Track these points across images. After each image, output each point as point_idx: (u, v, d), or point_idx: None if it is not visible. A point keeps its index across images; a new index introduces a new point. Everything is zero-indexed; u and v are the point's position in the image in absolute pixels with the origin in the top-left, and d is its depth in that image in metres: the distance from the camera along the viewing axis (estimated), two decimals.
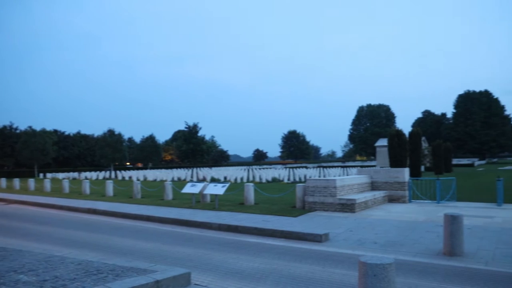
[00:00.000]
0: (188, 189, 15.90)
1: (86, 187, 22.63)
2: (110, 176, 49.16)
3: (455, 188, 15.79)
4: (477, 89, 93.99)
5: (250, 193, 15.47)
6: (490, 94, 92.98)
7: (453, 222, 7.67)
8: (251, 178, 35.92)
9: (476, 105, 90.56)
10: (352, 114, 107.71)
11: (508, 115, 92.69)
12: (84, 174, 46.83)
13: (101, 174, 48.33)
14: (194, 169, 51.07)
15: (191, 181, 23.26)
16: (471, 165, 58.39)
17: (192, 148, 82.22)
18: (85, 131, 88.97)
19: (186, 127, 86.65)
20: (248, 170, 47.11)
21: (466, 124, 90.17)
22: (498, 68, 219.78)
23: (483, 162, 76.02)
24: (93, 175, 46.60)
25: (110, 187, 21.20)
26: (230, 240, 9.74)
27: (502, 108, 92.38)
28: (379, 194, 15.05)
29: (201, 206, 15.04)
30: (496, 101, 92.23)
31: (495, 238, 8.88)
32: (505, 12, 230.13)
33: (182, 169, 58.57)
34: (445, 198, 15.24)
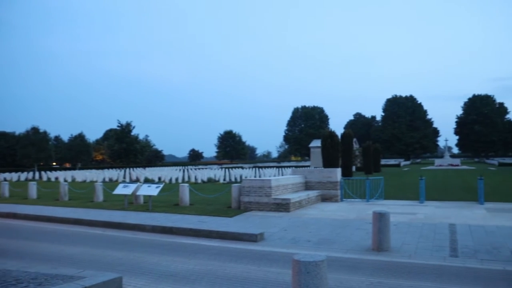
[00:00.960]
0: (120, 190, 15.34)
1: (5, 190, 21.02)
2: (33, 177, 46.12)
3: (383, 187, 16.66)
4: (404, 94, 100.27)
5: (185, 193, 15.26)
6: (415, 99, 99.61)
7: (380, 219, 8.08)
8: (186, 179, 35.46)
9: (402, 109, 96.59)
10: (288, 115, 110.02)
11: (430, 119, 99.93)
12: (2, 176, 43.35)
13: (23, 175, 45.13)
14: (127, 170, 49.41)
15: (124, 182, 22.50)
16: (398, 165, 61.97)
17: (124, 148, 79.47)
18: (5, 128, 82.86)
19: (118, 126, 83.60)
20: (184, 171, 46.47)
21: (393, 127, 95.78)
22: (422, 74, 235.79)
23: (408, 162, 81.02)
24: (13, 176, 43.34)
25: (33, 189, 19.85)
26: (164, 242, 9.53)
27: (425, 112, 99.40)
28: (312, 193, 15.49)
29: (134, 208, 14.58)
30: (420, 105, 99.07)
31: (417, 233, 9.49)
32: (433, 20, 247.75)
33: (114, 170, 56.44)
34: (374, 197, 16.04)
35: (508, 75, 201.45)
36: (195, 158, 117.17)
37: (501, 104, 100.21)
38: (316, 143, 55.57)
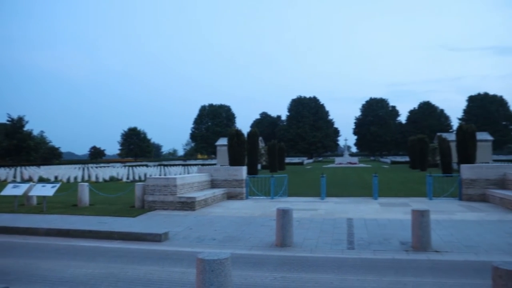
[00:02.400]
0: (9, 191, 13.90)
1: None
2: None
3: (287, 184, 17.26)
4: (308, 95, 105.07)
5: (84, 193, 14.32)
6: (318, 100, 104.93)
7: (284, 216, 8.32)
8: (86, 178, 33.41)
9: (306, 109, 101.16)
10: (195, 113, 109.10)
11: (332, 120, 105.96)
12: None
13: None
14: (18, 168, 45.14)
15: (14, 181, 20.44)
16: (301, 163, 64.79)
17: (15, 145, 72.56)
18: None
19: (8, 120, 76.17)
20: (84, 169, 43.70)
21: (298, 126, 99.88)
22: (324, 76, 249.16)
23: (311, 160, 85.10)
24: None
25: None
26: (60, 246, 8.83)
27: (327, 113, 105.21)
28: (218, 191, 15.50)
29: (26, 210, 13.31)
30: (323, 106, 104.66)
31: (318, 228, 9.95)
32: (336, 27, 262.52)
33: (2, 169, 51.22)
34: (278, 194, 16.53)
35: (400, 81, 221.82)
36: (96, 155, 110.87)
37: (394, 107, 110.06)
38: (223, 141, 55.91)
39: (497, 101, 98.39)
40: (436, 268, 6.70)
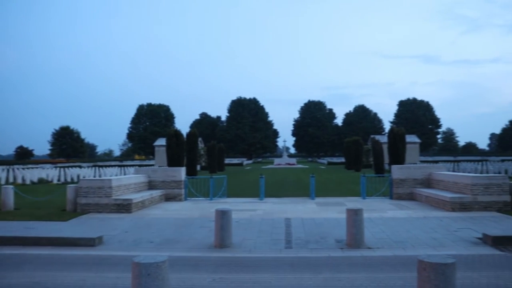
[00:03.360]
0: None
1: None
2: None
3: (226, 185, 17.24)
4: (248, 96, 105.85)
5: (9, 196, 13.38)
6: (258, 101, 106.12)
7: (223, 217, 8.29)
8: (11, 180, 31.23)
9: (246, 110, 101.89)
10: (132, 112, 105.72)
11: (271, 121, 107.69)
12: None
13: None
14: None
15: None
16: (241, 164, 65.12)
17: None
18: None
19: None
20: (8, 170, 40.80)
21: (237, 127, 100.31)
22: (264, 78, 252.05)
23: (250, 161, 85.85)
24: None
25: None
26: None
27: (266, 114, 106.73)
28: (156, 193, 15.15)
29: None
30: (262, 108, 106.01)
31: (257, 229, 10.03)
32: (272, 29, 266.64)
33: None
34: (218, 195, 16.46)
35: (337, 85, 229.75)
36: (23, 156, 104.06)
37: (331, 110, 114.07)
38: (161, 141, 54.75)
39: (424, 106, 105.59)
40: (368, 263, 7.00)
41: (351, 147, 41.59)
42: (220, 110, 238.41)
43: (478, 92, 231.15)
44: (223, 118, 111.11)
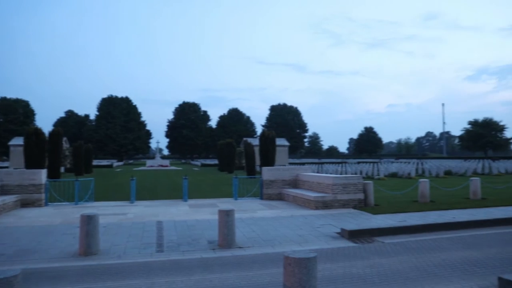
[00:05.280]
0: None
1: None
2: None
3: (94, 188, 16.15)
4: (120, 95, 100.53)
5: None
6: (130, 100, 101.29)
7: (89, 222, 7.72)
8: None
9: (117, 109, 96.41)
10: None
11: (144, 121, 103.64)
12: None
13: None
14: None
15: None
16: (110, 166, 61.51)
17: None
18: None
19: None
20: None
21: (107, 127, 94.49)
22: (137, 77, 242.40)
23: (121, 163, 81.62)
24: None
25: None
26: None
27: (139, 114, 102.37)
28: (10, 198, 13.48)
29: None
30: (135, 107, 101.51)
31: (127, 233, 9.57)
32: (149, 28, 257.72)
33: None
34: (84, 199, 15.32)
35: (212, 87, 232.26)
36: None
37: (205, 112, 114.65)
38: (18, 141, 49.01)
39: (293, 112, 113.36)
40: (239, 263, 7.18)
41: (225, 149, 42.42)
42: (88, 109, 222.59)
43: (340, 101, 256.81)
44: (92, 117, 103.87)
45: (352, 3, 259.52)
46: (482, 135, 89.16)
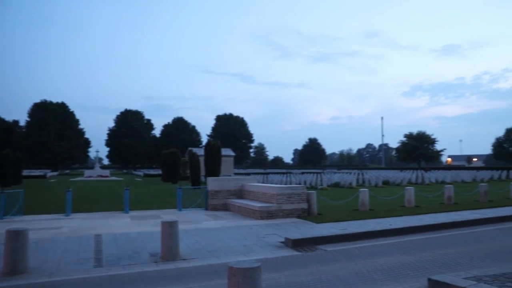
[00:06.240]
0: None
1: None
2: None
3: (23, 201, 15.13)
4: (54, 100, 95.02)
5: None
6: (67, 106, 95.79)
7: (16, 238, 7.13)
8: None
9: (52, 116, 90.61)
10: None
11: (82, 129, 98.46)
12: None
13: None
14: None
15: None
16: (44, 176, 58.07)
17: None
18: None
19: None
20: None
21: (40, 135, 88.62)
22: (75, 82, 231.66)
23: (55, 173, 77.37)
24: None
25: None
26: None
27: (77, 121, 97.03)
28: None
29: None
30: (72, 114, 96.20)
31: (61, 248, 9.01)
32: (91, 33, 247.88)
33: None
34: (11, 213, 14.24)
35: (156, 95, 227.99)
36: None
37: (149, 120, 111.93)
38: None
39: (239, 122, 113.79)
40: (183, 275, 6.97)
41: (169, 159, 41.57)
42: (17, 114, 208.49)
43: (286, 112, 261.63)
44: (22, 123, 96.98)
45: (300, 17, 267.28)
46: (416, 147, 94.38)
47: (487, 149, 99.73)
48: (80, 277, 6.89)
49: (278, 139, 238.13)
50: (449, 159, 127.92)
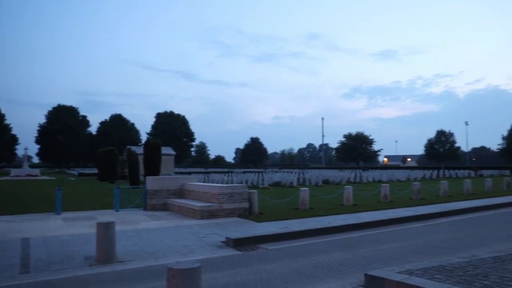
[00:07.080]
0: None
1: None
2: None
3: None
4: None
5: None
6: None
7: None
8: None
9: None
10: None
11: (9, 125, 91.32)
12: None
13: None
14: None
15: None
16: None
17: None
18: None
19: None
20: None
21: None
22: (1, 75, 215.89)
23: None
24: None
25: None
26: None
27: (2, 116, 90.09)
28: None
29: None
30: None
31: None
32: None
33: None
34: None
35: (93, 91, 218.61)
36: None
37: (84, 117, 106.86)
38: None
39: (180, 120, 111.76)
40: (120, 278, 6.68)
41: (106, 158, 39.96)
42: None
43: (228, 111, 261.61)
44: None
45: (243, 16, 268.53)
46: (355, 148, 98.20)
47: (420, 150, 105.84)
48: (2, 285, 6.37)
49: (220, 138, 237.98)
50: (386, 159, 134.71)
